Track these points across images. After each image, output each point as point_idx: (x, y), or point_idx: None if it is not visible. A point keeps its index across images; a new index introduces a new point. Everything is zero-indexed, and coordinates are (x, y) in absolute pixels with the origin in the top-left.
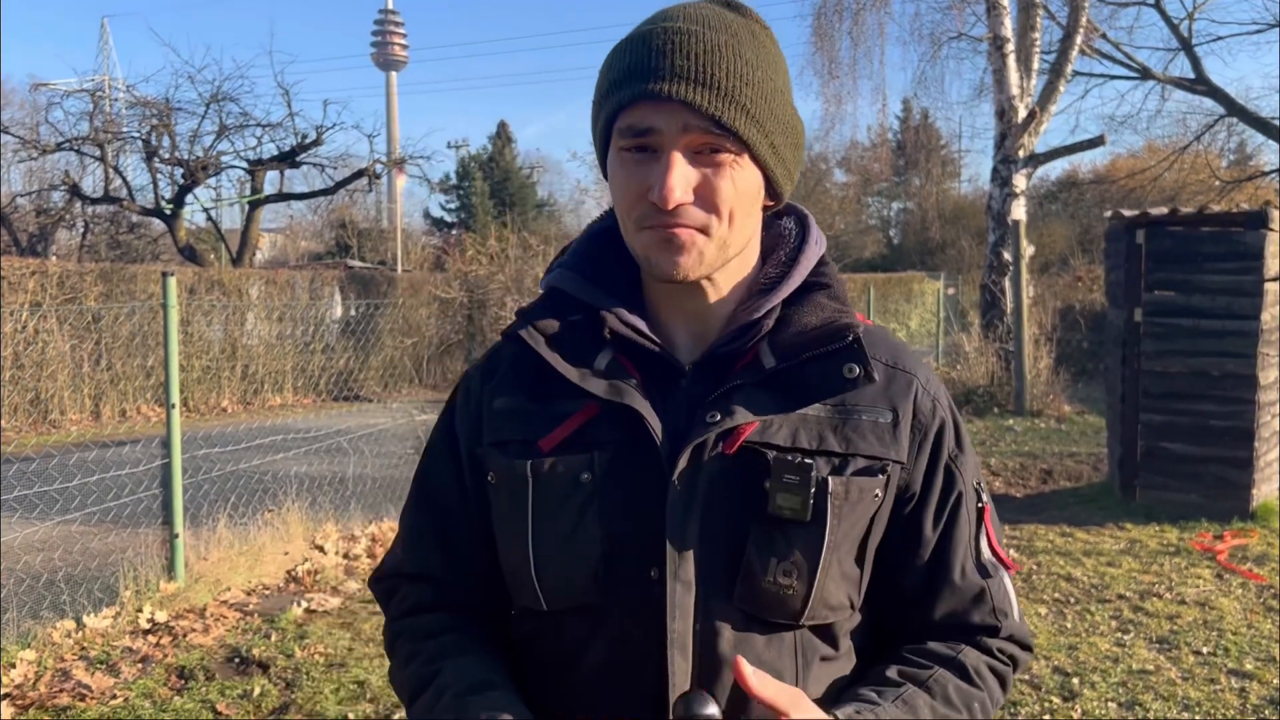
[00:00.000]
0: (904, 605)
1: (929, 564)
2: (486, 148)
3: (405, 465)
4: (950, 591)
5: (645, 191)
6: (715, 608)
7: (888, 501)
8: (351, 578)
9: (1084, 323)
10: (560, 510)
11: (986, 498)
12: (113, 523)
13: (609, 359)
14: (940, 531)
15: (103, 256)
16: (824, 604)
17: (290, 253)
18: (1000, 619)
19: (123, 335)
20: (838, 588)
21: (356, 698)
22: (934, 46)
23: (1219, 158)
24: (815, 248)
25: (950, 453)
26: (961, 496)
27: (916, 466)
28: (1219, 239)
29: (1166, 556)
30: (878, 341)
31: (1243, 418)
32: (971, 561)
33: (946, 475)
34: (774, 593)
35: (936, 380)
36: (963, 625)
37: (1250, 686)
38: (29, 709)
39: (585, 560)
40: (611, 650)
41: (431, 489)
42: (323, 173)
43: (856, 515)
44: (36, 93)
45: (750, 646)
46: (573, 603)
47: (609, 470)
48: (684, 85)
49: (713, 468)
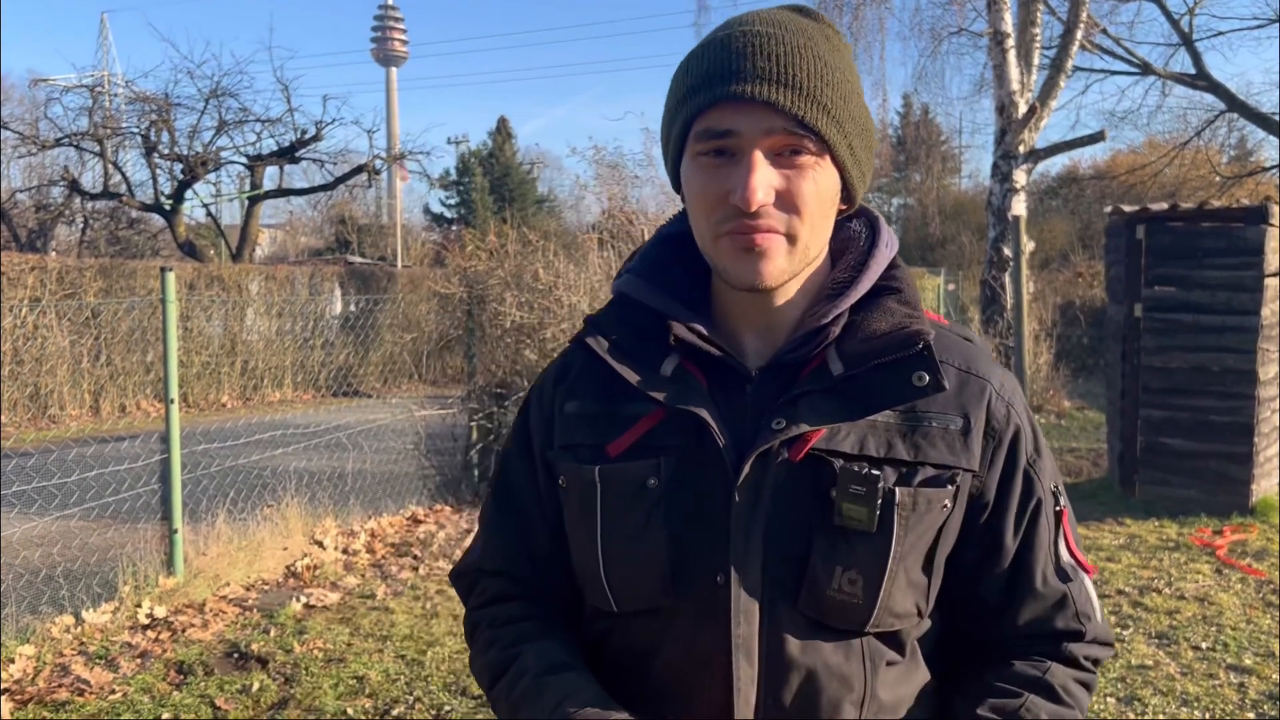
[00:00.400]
0: (985, 615)
1: (1010, 572)
2: (486, 143)
3: (404, 460)
4: (1033, 599)
5: (725, 196)
6: (780, 614)
7: (958, 510)
8: (351, 573)
9: (1084, 318)
10: (627, 514)
11: (1064, 500)
12: (112, 518)
13: (675, 365)
14: (1020, 539)
15: (102, 252)
16: (889, 613)
17: (290, 248)
18: (1084, 622)
19: (122, 331)
20: (904, 596)
21: (355, 693)
22: (934, 41)
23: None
24: (886, 251)
25: (1028, 458)
26: (1041, 503)
27: (991, 474)
28: (1219, 234)
29: (1166, 552)
30: (950, 346)
31: (1242, 413)
32: (1052, 567)
33: (1025, 482)
34: (838, 601)
35: (1012, 384)
36: (1047, 632)
37: (1249, 681)
38: (28, 704)
39: (652, 564)
40: (680, 653)
41: (508, 490)
42: (322, 168)
43: (924, 526)
44: (36, 88)
45: (816, 652)
46: (641, 605)
47: (674, 476)
48: (767, 86)
49: (778, 475)
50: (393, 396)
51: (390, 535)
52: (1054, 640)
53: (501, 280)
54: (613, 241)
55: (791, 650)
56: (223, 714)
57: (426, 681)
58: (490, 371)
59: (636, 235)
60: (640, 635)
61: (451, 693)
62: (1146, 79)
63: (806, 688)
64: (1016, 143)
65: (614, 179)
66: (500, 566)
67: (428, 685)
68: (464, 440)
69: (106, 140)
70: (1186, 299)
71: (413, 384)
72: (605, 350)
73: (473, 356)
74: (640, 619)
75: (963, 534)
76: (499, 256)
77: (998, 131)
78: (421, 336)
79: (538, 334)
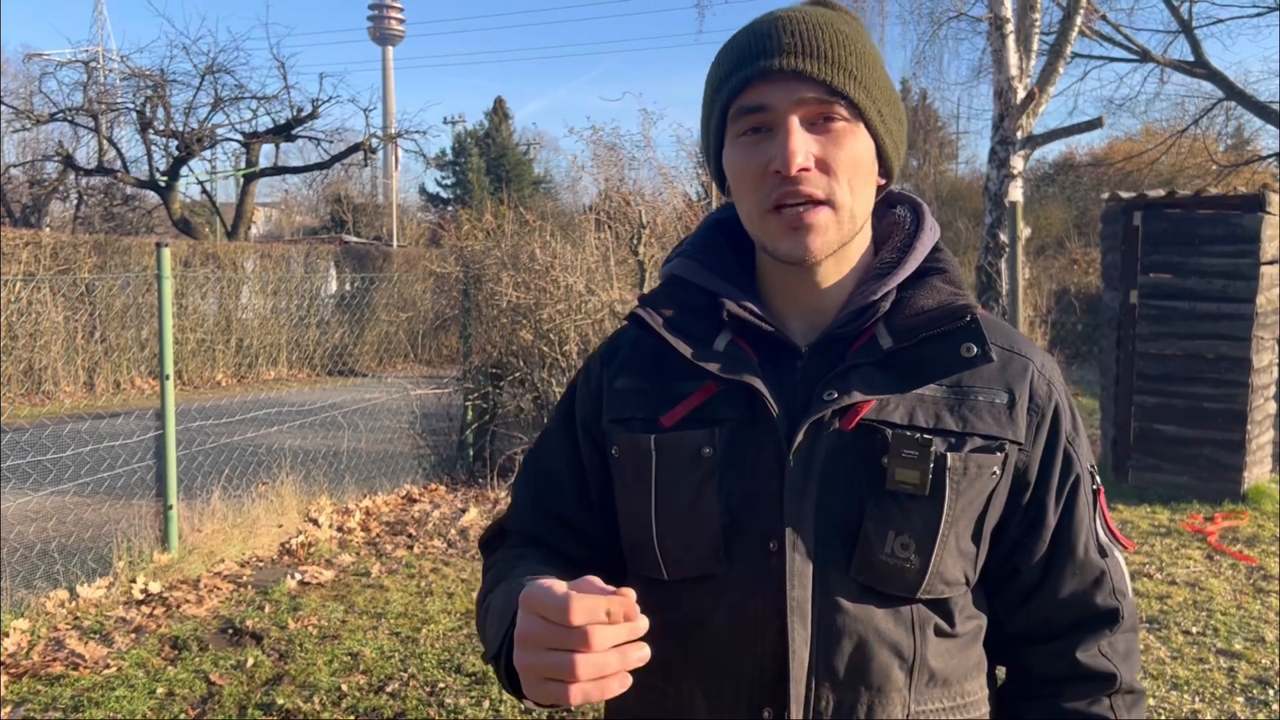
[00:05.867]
0: (1025, 596)
1: (1052, 545)
2: (483, 124)
3: (399, 440)
4: (1073, 572)
5: (766, 168)
6: (833, 579)
7: (1005, 481)
8: (345, 550)
9: (1079, 305)
10: (682, 482)
11: (1099, 480)
12: (106, 494)
13: (727, 340)
14: (1060, 513)
15: (96, 228)
16: (940, 578)
17: (285, 227)
18: (1120, 600)
19: (116, 307)
20: (955, 563)
21: (349, 669)
22: (933, 26)
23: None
24: (930, 234)
25: (1068, 435)
26: (1079, 479)
27: (1035, 449)
28: (1216, 222)
29: (1158, 537)
30: (993, 326)
31: (1236, 400)
32: (1094, 542)
33: (1065, 458)
34: (891, 565)
35: (1051, 365)
36: (1087, 611)
37: (1239, 666)
38: (22, 678)
39: (706, 531)
40: (732, 619)
41: (543, 467)
42: (318, 147)
43: (975, 491)
44: (30, 63)
45: (869, 617)
46: (693, 572)
47: (728, 445)
48: (793, 58)
49: (830, 443)
50: (388, 376)
51: (385, 514)
52: (1093, 623)
53: (498, 260)
54: (609, 222)
55: (844, 615)
56: (217, 689)
57: (420, 659)
58: (486, 351)
59: (633, 216)
60: (691, 603)
61: (445, 670)
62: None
63: (858, 652)
64: (1014, 128)
65: (611, 160)
66: (525, 527)
67: (421, 662)
68: (459, 420)
69: (101, 116)
70: (1182, 286)
71: (408, 363)
72: (660, 325)
73: (468, 336)
74: (690, 587)
75: (1007, 509)
76: (496, 236)
77: (995, 117)
78: (417, 316)
79: (534, 314)
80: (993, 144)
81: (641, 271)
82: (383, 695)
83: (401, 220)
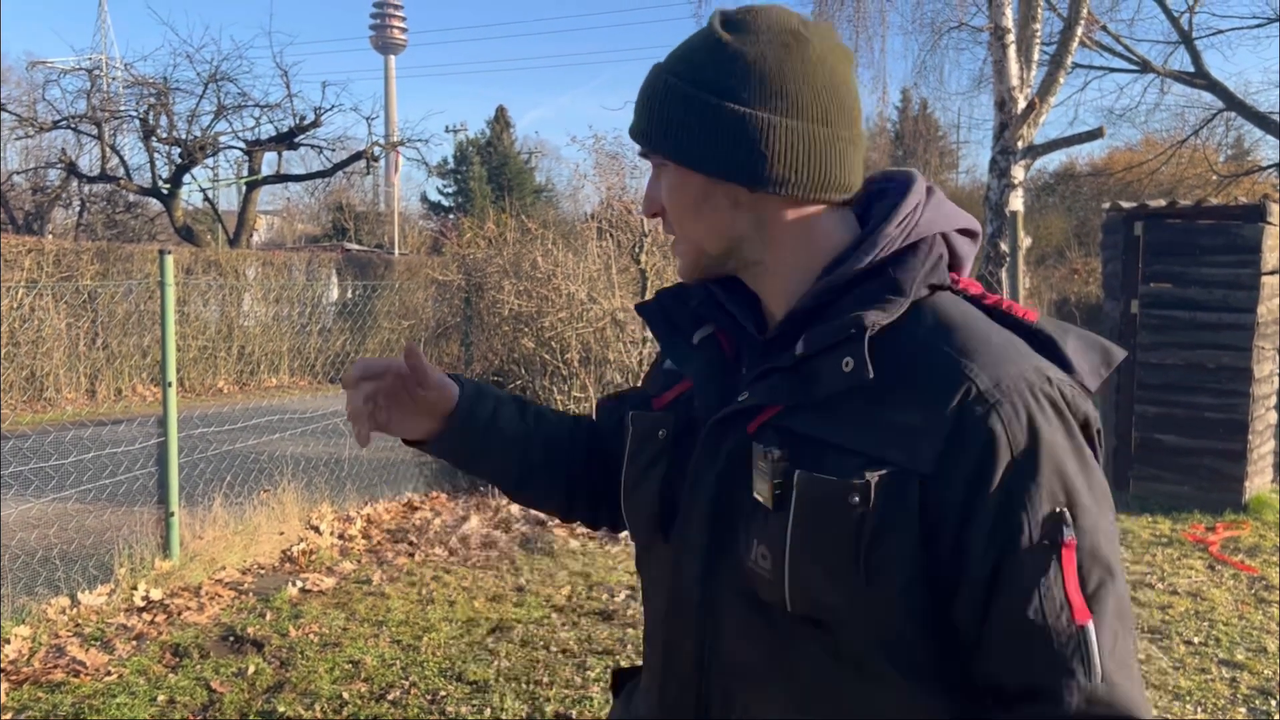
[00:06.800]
0: (971, 656)
1: (987, 602)
2: (485, 132)
3: (400, 447)
4: (998, 641)
5: None
6: (719, 577)
7: (897, 512)
8: (346, 558)
9: (1079, 315)
10: (636, 459)
11: (1071, 534)
12: (108, 501)
13: (706, 334)
14: (994, 565)
15: (99, 236)
16: (806, 597)
17: (287, 235)
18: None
19: (119, 314)
20: (822, 585)
21: (351, 677)
22: (934, 35)
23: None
24: (894, 227)
25: (1009, 472)
26: (1021, 527)
27: (953, 483)
28: (1217, 232)
29: (1159, 547)
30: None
31: (1237, 410)
32: (1030, 609)
33: (1003, 499)
34: (756, 572)
35: (1017, 388)
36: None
37: (1241, 676)
38: (23, 684)
39: (646, 508)
40: (662, 594)
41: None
42: (320, 155)
43: (827, 515)
44: (33, 70)
45: (751, 621)
46: (642, 540)
47: (679, 431)
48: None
49: (732, 444)
50: None
51: (386, 521)
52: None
53: (500, 268)
54: (611, 230)
55: (723, 612)
56: (218, 696)
57: (422, 666)
58: (488, 359)
59: (635, 225)
60: (645, 570)
61: (447, 678)
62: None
63: (742, 649)
64: (1015, 138)
65: (613, 169)
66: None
67: (423, 670)
68: None
69: (104, 123)
70: (1183, 296)
71: None
72: (653, 318)
73: (470, 344)
74: (644, 555)
75: (929, 549)
76: (498, 244)
77: (996, 127)
78: (419, 324)
79: (536, 322)
80: (993, 153)
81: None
82: (384, 703)
83: (403, 228)
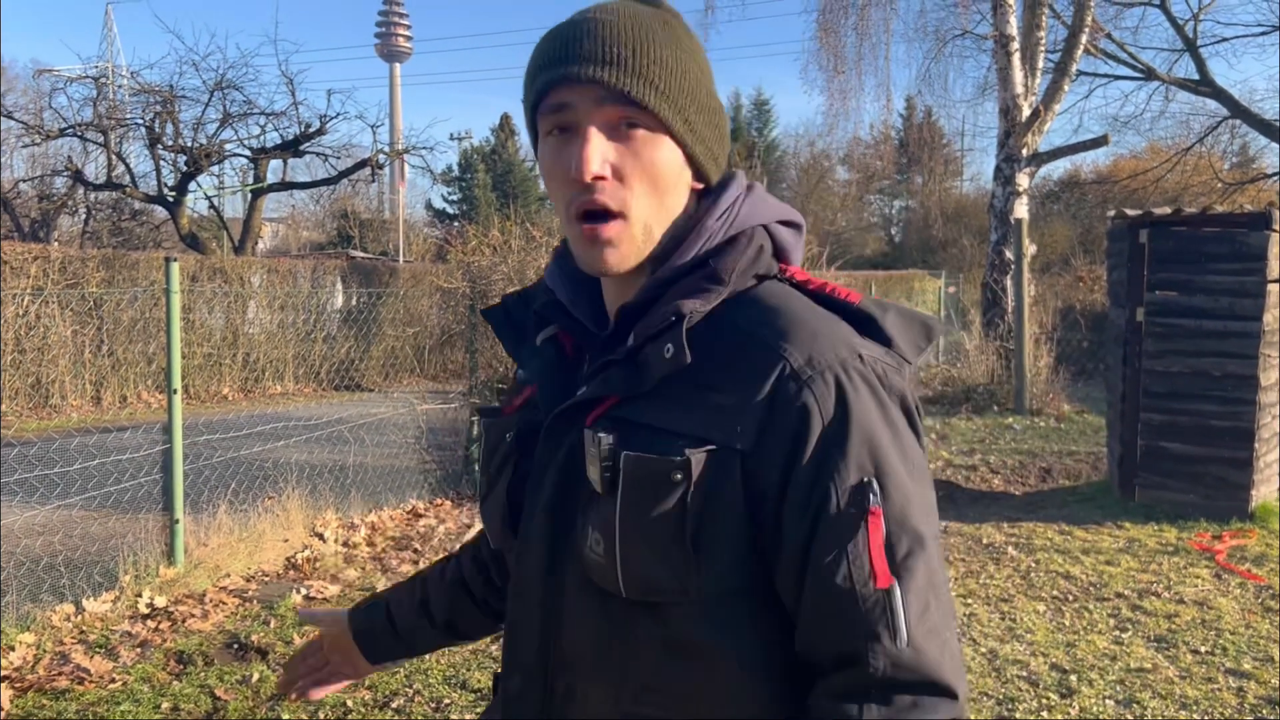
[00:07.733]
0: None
1: (800, 570)
2: (489, 140)
3: (405, 455)
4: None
5: (567, 173)
6: (560, 568)
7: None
8: (350, 565)
9: (1084, 322)
10: (486, 467)
11: (878, 502)
12: (113, 508)
13: (549, 335)
14: (807, 533)
15: (105, 243)
16: (639, 580)
17: (292, 242)
18: (867, 642)
19: (124, 321)
20: (653, 567)
21: (354, 685)
22: (939, 44)
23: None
24: (713, 223)
25: (816, 446)
26: (828, 497)
27: (769, 456)
28: (1222, 239)
29: (1165, 556)
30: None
31: (1243, 418)
32: (838, 575)
33: (814, 470)
34: (592, 560)
35: (829, 362)
36: (840, 646)
37: (1248, 686)
38: (28, 692)
39: (496, 511)
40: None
41: None
42: (325, 162)
43: (654, 496)
44: (40, 78)
45: (589, 610)
46: (496, 543)
47: (522, 435)
48: (593, 66)
49: (571, 438)
50: (394, 390)
51: (390, 529)
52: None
53: (505, 276)
54: None
55: (564, 603)
56: (222, 704)
57: (426, 675)
58: (492, 367)
59: None
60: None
61: (451, 686)
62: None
63: (580, 640)
64: (1020, 146)
65: None
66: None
67: (427, 678)
68: (465, 435)
69: (110, 131)
70: (1188, 304)
71: (414, 378)
72: (501, 322)
73: (474, 351)
74: (505, 557)
75: (753, 523)
76: (502, 252)
77: (1001, 134)
78: (423, 331)
79: None
80: (998, 161)
81: None
82: (388, 711)
83: (408, 236)
